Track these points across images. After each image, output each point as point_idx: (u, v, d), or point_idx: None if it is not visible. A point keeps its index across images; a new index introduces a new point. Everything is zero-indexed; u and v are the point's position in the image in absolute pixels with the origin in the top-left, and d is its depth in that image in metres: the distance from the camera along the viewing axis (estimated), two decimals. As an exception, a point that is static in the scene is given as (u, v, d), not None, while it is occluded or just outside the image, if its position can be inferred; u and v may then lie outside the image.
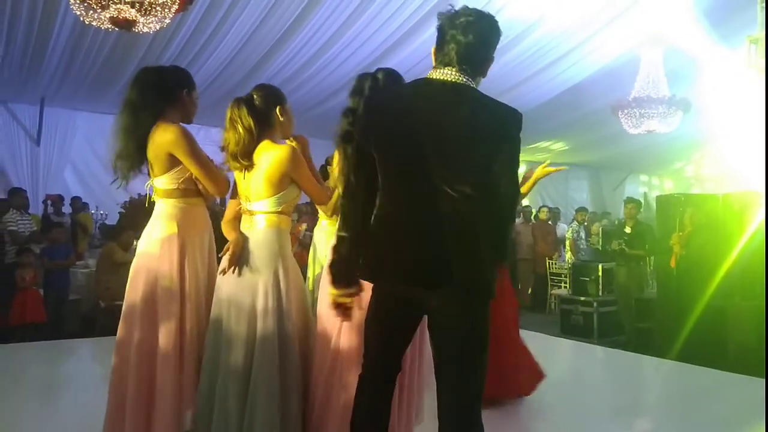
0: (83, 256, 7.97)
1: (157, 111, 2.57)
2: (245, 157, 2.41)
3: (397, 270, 1.95)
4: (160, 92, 2.59)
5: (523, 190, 3.43)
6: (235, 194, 2.59)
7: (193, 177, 2.58)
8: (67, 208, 8.90)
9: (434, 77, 1.96)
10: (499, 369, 3.47)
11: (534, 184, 3.52)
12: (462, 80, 1.92)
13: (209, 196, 2.65)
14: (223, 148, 2.47)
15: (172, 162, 2.54)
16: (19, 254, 6.43)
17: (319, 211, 3.07)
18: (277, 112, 2.50)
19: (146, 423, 2.44)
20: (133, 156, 2.59)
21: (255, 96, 2.49)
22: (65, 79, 8.42)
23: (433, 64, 1.99)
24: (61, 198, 8.94)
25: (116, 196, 7.14)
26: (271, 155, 2.42)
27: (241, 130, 2.40)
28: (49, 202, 8.91)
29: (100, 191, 9.25)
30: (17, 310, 6.17)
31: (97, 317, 6.53)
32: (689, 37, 7.82)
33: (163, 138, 2.53)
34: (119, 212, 7.76)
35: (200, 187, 2.61)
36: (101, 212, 9.36)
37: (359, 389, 2.08)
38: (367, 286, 2.07)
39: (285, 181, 2.44)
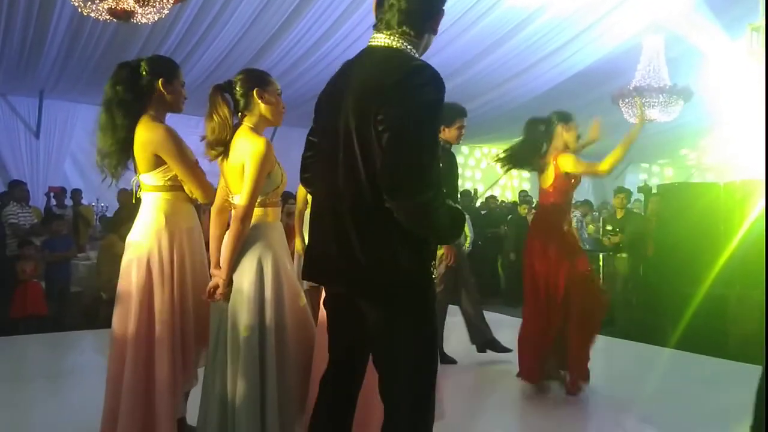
0: (84, 249, 7.97)
1: (132, 108, 2.55)
2: (218, 144, 2.36)
3: (316, 269, 1.88)
4: (133, 88, 2.55)
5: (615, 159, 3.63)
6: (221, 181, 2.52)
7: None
8: (68, 201, 8.90)
9: (370, 45, 1.77)
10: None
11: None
12: (396, 45, 1.73)
13: (193, 199, 2.62)
14: (203, 138, 2.42)
15: (158, 161, 2.53)
16: (20, 247, 6.43)
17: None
18: (254, 95, 2.39)
19: (143, 411, 2.47)
20: (116, 154, 2.58)
21: (235, 80, 2.42)
22: (64, 71, 8.39)
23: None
24: (63, 190, 8.95)
25: (116, 189, 7.12)
26: (242, 147, 2.34)
27: (215, 118, 2.35)
28: (51, 194, 8.91)
29: (101, 183, 9.23)
30: (18, 303, 6.18)
31: (98, 309, 6.54)
32: (691, 25, 7.77)
33: (148, 137, 2.51)
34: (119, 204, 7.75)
35: (185, 188, 2.58)
36: (102, 204, 9.36)
37: (320, 387, 1.98)
38: None
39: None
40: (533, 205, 9.70)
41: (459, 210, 1.78)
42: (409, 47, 1.74)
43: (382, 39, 1.75)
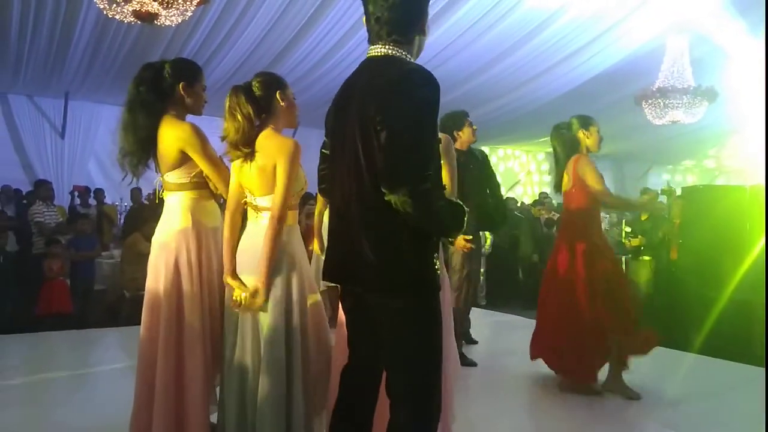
0: (108, 247, 8.09)
1: (154, 108, 2.58)
2: (246, 145, 2.37)
3: (330, 268, 1.96)
4: (156, 89, 2.59)
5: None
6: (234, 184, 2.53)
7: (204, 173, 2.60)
8: (92, 200, 9.05)
9: (368, 56, 1.89)
10: None
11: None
12: (391, 52, 1.82)
13: (218, 195, 2.66)
14: (223, 138, 2.42)
15: (183, 158, 2.56)
16: (48, 245, 6.55)
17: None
18: (278, 97, 2.43)
19: (176, 406, 2.50)
20: (137, 152, 2.61)
21: (254, 83, 2.45)
22: (89, 72, 8.53)
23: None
24: (87, 189, 9.09)
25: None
26: (272, 148, 2.36)
27: (240, 117, 2.35)
28: (76, 193, 9.06)
29: (124, 183, 9.38)
30: (44, 300, 6.29)
31: (122, 307, 6.64)
32: (715, 25, 7.66)
33: (175, 134, 2.55)
34: (143, 203, 7.86)
35: (210, 185, 2.62)
36: (125, 204, 9.49)
37: (341, 381, 2.05)
38: None
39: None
40: (554, 207, 9.65)
41: (460, 205, 1.82)
42: (402, 53, 1.84)
43: (377, 49, 1.86)
